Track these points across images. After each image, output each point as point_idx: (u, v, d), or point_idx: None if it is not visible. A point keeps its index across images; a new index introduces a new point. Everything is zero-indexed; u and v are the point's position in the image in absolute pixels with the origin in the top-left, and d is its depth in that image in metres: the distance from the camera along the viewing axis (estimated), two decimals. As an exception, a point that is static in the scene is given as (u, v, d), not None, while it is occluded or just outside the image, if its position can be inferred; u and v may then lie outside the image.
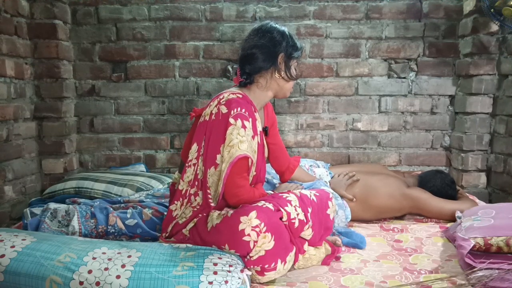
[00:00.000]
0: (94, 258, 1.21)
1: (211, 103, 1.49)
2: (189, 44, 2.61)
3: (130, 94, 2.66)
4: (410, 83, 2.62)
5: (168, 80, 2.65)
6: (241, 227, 1.29)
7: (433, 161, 2.67)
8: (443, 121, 2.64)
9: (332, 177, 2.16)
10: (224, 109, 1.43)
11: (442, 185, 2.12)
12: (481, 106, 2.42)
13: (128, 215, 1.68)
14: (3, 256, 1.21)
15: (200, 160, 1.46)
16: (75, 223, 1.60)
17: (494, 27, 2.31)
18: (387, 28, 2.58)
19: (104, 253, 1.24)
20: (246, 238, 1.29)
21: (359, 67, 2.62)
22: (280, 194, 1.49)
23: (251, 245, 1.29)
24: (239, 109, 1.43)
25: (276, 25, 1.57)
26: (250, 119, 1.44)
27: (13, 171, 2.22)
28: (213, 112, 1.45)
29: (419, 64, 2.60)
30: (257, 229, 1.28)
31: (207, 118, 1.47)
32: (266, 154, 1.66)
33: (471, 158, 2.47)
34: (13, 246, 1.24)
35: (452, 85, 2.60)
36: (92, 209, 1.67)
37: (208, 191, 1.44)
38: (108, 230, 1.62)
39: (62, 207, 1.68)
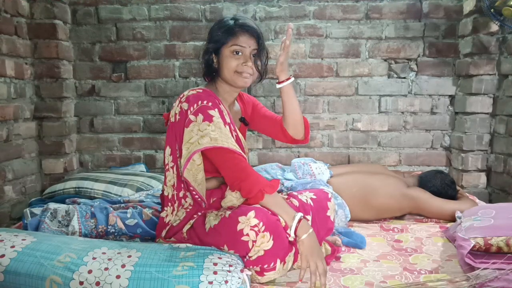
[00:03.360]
0: (94, 258, 1.21)
1: (174, 104, 1.48)
2: (189, 44, 2.61)
3: (130, 94, 2.66)
4: (410, 83, 2.62)
5: (168, 80, 2.65)
6: (239, 227, 1.29)
7: (433, 161, 2.67)
8: (443, 121, 2.64)
9: (331, 176, 2.16)
10: (185, 106, 1.42)
11: (442, 185, 2.12)
12: (481, 106, 2.42)
13: (128, 215, 1.68)
14: (3, 256, 1.21)
15: (179, 162, 1.45)
16: (75, 223, 1.60)
17: (494, 27, 2.31)
18: (387, 28, 2.58)
19: (104, 253, 1.24)
20: (245, 238, 1.28)
21: (359, 67, 2.62)
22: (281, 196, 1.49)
23: (250, 245, 1.28)
24: (199, 102, 1.41)
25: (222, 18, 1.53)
26: (216, 109, 1.42)
27: (13, 171, 2.22)
28: (176, 112, 1.44)
29: (419, 64, 2.60)
30: (256, 229, 1.28)
31: (172, 119, 1.45)
32: (246, 146, 1.59)
33: (471, 158, 2.47)
34: (13, 246, 1.24)
35: (452, 85, 2.60)
36: (92, 209, 1.67)
37: (191, 187, 1.43)
38: (108, 230, 1.62)
39: (62, 207, 1.68)
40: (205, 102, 1.41)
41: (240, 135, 1.56)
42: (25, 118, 2.35)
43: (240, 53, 1.45)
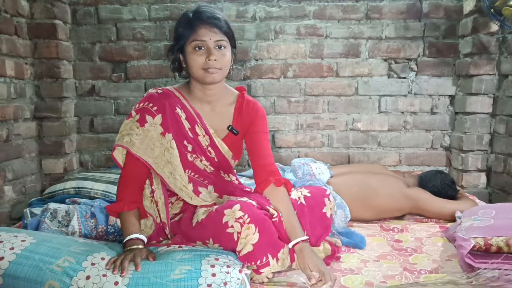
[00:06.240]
0: (93, 264, 1.20)
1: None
2: (189, 44, 2.60)
3: (130, 94, 2.66)
4: (410, 83, 2.62)
5: (168, 80, 2.65)
6: (224, 219, 1.30)
7: (433, 161, 2.67)
8: (443, 121, 2.63)
9: (331, 176, 2.16)
10: (139, 101, 1.46)
11: (442, 185, 2.12)
12: (481, 106, 2.42)
13: (128, 215, 1.68)
14: (2, 258, 1.20)
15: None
16: (75, 223, 1.60)
17: (494, 27, 2.31)
18: (387, 28, 2.58)
19: (103, 258, 1.23)
20: (229, 230, 1.29)
21: (359, 67, 2.62)
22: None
23: (235, 237, 1.29)
24: (146, 103, 1.42)
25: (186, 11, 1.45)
26: (160, 115, 1.41)
27: (13, 171, 2.22)
28: None
29: (419, 64, 2.60)
30: (241, 221, 1.28)
31: None
32: (227, 153, 1.52)
33: (471, 158, 2.47)
34: (12, 248, 1.23)
35: (452, 85, 2.60)
36: (92, 209, 1.67)
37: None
38: (108, 230, 1.62)
39: (62, 207, 1.68)
40: (150, 104, 1.41)
41: (217, 140, 1.50)
42: (25, 118, 2.35)
43: (202, 48, 1.37)
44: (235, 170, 1.68)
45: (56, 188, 2.19)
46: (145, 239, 1.35)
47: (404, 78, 2.62)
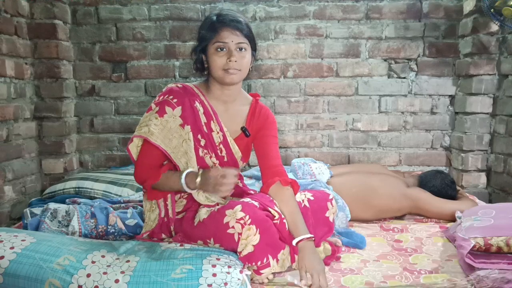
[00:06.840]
0: (93, 262, 1.21)
1: None
2: (189, 44, 2.60)
3: (130, 94, 2.66)
4: (410, 83, 2.62)
5: (168, 80, 2.65)
6: (226, 220, 1.31)
7: (433, 161, 2.67)
8: (443, 121, 2.64)
9: (331, 176, 2.16)
10: (158, 95, 1.49)
11: (442, 185, 2.12)
12: (481, 106, 2.42)
13: (128, 215, 1.69)
14: (2, 257, 1.20)
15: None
16: (75, 223, 1.60)
17: (494, 27, 2.31)
18: (387, 28, 2.58)
19: (103, 256, 1.24)
20: (230, 231, 1.30)
21: (359, 67, 2.62)
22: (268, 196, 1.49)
23: (236, 237, 1.30)
24: (166, 96, 1.45)
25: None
26: (180, 107, 1.44)
27: (13, 171, 2.22)
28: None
29: (419, 64, 2.60)
30: (242, 221, 1.29)
31: None
32: (237, 153, 1.55)
33: (471, 158, 2.47)
34: (12, 247, 1.23)
35: (452, 85, 2.60)
36: (92, 209, 1.68)
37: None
38: (108, 230, 1.62)
39: (62, 207, 1.68)
40: (171, 97, 1.45)
41: (229, 139, 1.52)
42: (25, 118, 2.35)
43: (224, 49, 1.41)
44: (241, 173, 1.69)
45: (56, 188, 2.20)
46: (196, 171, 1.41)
47: (404, 78, 2.62)
